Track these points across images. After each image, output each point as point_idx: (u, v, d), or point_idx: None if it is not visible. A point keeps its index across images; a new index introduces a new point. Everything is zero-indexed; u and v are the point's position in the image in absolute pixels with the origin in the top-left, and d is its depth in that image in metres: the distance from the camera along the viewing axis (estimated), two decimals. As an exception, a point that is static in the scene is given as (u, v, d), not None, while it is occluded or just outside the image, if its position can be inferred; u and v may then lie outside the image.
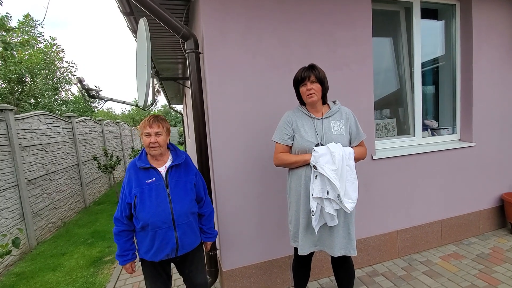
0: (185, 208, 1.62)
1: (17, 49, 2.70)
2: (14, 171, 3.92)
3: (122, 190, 1.61)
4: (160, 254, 1.58)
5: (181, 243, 1.61)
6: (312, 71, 1.69)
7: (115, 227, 1.61)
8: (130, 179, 1.59)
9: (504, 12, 3.04)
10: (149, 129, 1.57)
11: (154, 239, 1.56)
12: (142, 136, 1.60)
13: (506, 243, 2.96)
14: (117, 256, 1.64)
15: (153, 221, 1.53)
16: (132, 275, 2.94)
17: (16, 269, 3.51)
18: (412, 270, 2.60)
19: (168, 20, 2.00)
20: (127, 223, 1.60)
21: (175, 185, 1.62)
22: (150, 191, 1.55)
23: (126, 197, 1.56)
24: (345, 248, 1.73)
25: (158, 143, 1.58)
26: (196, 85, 2.18)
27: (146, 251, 1.60)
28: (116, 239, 1.62)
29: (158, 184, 1.58)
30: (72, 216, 5.58)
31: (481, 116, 3.05)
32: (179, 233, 1.59)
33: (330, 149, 1.61)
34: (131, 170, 1.61)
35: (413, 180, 2.83)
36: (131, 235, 1.65)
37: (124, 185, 1.61)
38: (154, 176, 1.59)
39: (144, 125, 1.58)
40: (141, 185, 1.56)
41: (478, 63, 2.97)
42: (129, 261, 1.64)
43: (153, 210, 1.53)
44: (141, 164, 1.59)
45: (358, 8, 2.47)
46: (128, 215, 1.58)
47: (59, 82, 13.38)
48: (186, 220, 1.62)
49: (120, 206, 1.59)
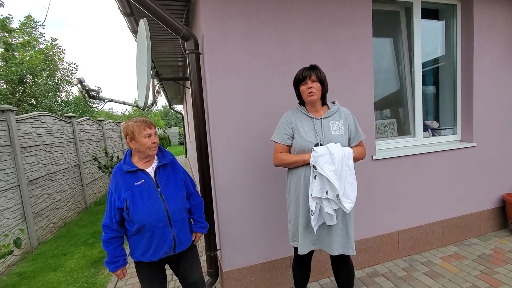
0: (178, 205, 1.65)
1: (18, 50, 2.70)
2: (15, 171, 3.93)
3: (109, 196, 1.59)
4: (159, 252, 1.60)
5: (178, 240, 1.64)
6: (313, 71, 1.70)
7: (103, 235, 1.59)
8: (118, 184, 1.57)
9: (506, 11, 3.03)
10: (149, 130, 1.60)
11: (151, 239, 1.57)
12: (139, 138, 1.57)
13: (507, 244, 2.95)
14: (107, 263, 1.61)
15: (149, 221, 1.54)
16: (133, 275, 2.95)
17: (18, 269, 3.52)
18: (413, 270, 2.60)
19: (168, 21, 2.00)
20: (117, 229, 1.59)
21: (166, 184, 1.64)
22: (141, 192, 1.56)
23: (116, 203, 1.54)
24: (343, 247, 1.73)
25: (157, 142, 1.63)
26: (196, 86, 2.19)
27: (143, 253, 1.60)
28: (105, 246, 1.60)
29: (149, 185, 1.59)
30: (73, 217, 5.59)
31: (482, 116, 3.04)
32: (175, 230, 1.63)
33: (329, 149, 1.61)
34: (117, 175, 1.60)
35: (413, 181, 2.83)
36: (121, 241, 1.64)
37: (111, 191, 1.58)
38: (142, 177, 1.59)
39: (143, 127, 1.58)
40: (130, 188, 1.55)
41: (479, 62, 2.96)
42: (119, 267, 1.62)
43: (148, 211, 1.54)
44: (127, 168, 1.58)
45: (359, 7, 2.47)
46: (118, 221, 1.57)
47: (60, 83, 13.41)
48: (180, 216, 1.66)
49: (109, 212, 1.57)
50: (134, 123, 1.59)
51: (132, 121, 1.62)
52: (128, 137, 1.60)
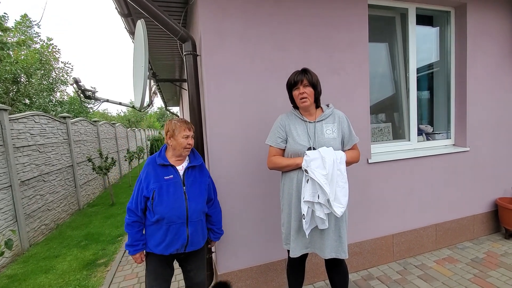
0: (199, 206, 1.73)
1: (13, 49, 2.68)
2: (7, 171, 3.87)
3: (138, 183, 1.68)
4: (171, 248, 1.66)
5: (191, 239, 1.70)
6: (304, 75, 1.69)
7: (127, 217, 1.67)
8: (148, 174, 1.67)
9: (498, 19, 3.09)
10: (188, 132, 1.71)
11: (167, 233, 1.64)
12: (177, 137, 1.67)
13: (500, 248, 2.98)
14: (128, 246, 1.68)
15: (169, 216, 1.62)
16: (126, 278, 2.91)
17: (8, 271, 3.45)
18: (407, 274, 2.61)
19: (166, 22, 2.00)
20: (140, 216, 1.67)
21: (191, 184, 1.72)
22: (168, 187, 1.65)
23: (143, 191, 1.63)
24: (335, 250, 1.73)
25: (191, 144, 1.74)
26: (194, 87, 2.19)
27: (157, 244, 1.66)
28: (128, 229, 1.67)
29: (176, 181, 1.68)
30: (65, 218, 5.51)
31: (475, 121, 3.09)
32: (190, 230, 1.69)
33: (321, 153, 1.61)
34: (150, 165, 1.70)
35: (408, 184, 2.85)
36: (142, 227, 1.71)
37: (141, 179, 1.68)
38: (172, 173, 1.69)
39: (183, 128, 1.69)
40: (159, 180, 1.65)
41: (472, 68, 3.01)
42: (139, 251, 1.70)
43: (171, 205, 1.62)
44: (160, 161, 1.68)
45: (355, 13, 2.50)
46: (143, 208, 1.66)
47: (55, 83, 13.26)
48: (198, 217, 1.73)
49: (135, 198, 1.66)
50: (177, 122, 1.71)
51: (176, 120, 1.73)
52: (168, 134, 1.70)
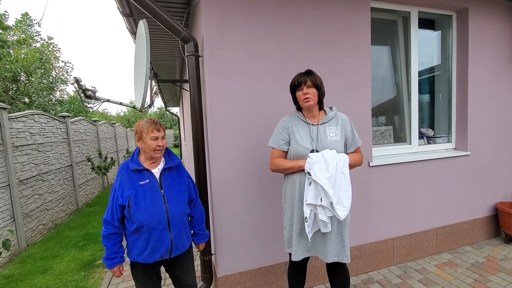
0: (179, 209, 1.64)
1: (13, 48, 2.67)
2: (5, 170, 3.85)
3: (112, 192, 1.59)
4: (155, 255, 1.59)
5: (175, 244, 1.62)
6: (308, 76, 1.69)
7: (103, 229, 1.59)
8: (122, 181, 1.57)
9: (499, 24, 3.10)
10: (157, 133, 1.60)
11: (148, 240, 1.56)
12: (145, 139, 1.58)
13: (500, 252, 2.98)
14: (105, 259, 1.61)
15: (149, 222, 1.54)
16: (125, 280, 2.89)
17: (5, 271, 3.42)
18: (407, 278, 2.60)
19: (168, 23, 1.99)
20: (118, 226, 1.58)
21: (169, 187, 1.64)
22: (144, 192, 1.56)
23: (118, 199, 1.54)
24: (338, 254, 1.72)
25: (163, 146, 1.63)
26: (195, 88, 2.18)
27: (139, 253, 1.59)
28: (105, 241, 1.59)
29: (153, 185, 1.59)
30: (63, 218, 5.48)
31: (476, 125, 3.09)
32: (173, 234, 1.61)
33: (324, 156, 1.60)
34: (123, 172, 1.60)
35: (409, 188, 2.84)
36: (120, 238, 1.63)
37: (115, 187, 1.59)
38: (147, 177, 1.60)
39: (151, 129, 1.59)
40: (134, 187, 1.55)
41: (474, 72, 3.01)
42: (116, 264, 1.62)
43: (149, 212, 1.54)
44: (134, 166, 1.59)
45: (358, 16, 2.50)
46: (120, 218, 1.57)
47: (55, 82, 13.24)
48: (180, 220, 1.65)
49: (111, 208, 1.57)
50: (145, 123, 1.61)
51: (144, 120, 1.64)
52: (137, 136, 1.62)
